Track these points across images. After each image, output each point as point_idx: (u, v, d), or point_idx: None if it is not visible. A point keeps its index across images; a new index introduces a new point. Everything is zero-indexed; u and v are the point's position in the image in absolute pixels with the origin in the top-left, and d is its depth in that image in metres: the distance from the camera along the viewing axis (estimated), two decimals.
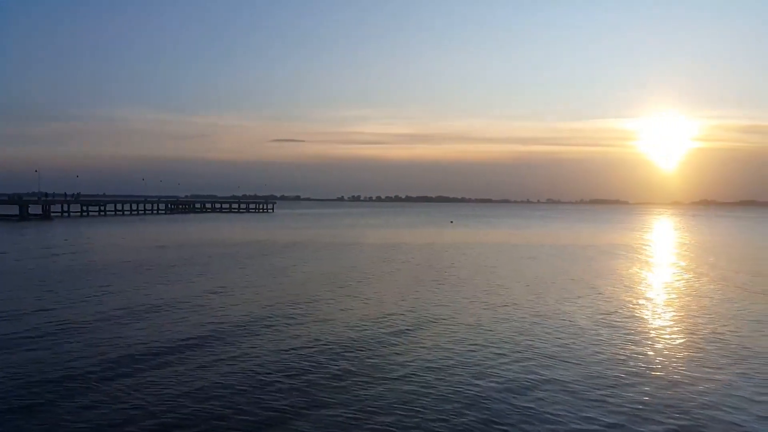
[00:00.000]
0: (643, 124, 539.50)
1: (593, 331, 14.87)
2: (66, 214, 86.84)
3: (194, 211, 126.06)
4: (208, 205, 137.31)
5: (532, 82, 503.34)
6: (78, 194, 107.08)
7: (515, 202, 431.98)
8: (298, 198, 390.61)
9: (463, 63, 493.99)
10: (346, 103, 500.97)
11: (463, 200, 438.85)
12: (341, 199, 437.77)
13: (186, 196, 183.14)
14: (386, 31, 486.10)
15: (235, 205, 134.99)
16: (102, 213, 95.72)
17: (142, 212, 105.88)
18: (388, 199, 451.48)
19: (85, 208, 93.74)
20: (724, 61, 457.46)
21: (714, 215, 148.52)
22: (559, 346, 13.35)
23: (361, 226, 72.33)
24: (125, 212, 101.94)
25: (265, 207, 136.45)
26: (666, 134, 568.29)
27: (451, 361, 11.99)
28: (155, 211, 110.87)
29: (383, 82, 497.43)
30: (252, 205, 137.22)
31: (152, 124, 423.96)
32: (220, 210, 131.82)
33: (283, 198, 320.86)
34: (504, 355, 12.55)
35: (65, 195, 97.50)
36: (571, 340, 13.89)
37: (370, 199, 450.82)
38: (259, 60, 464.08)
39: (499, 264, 30.58)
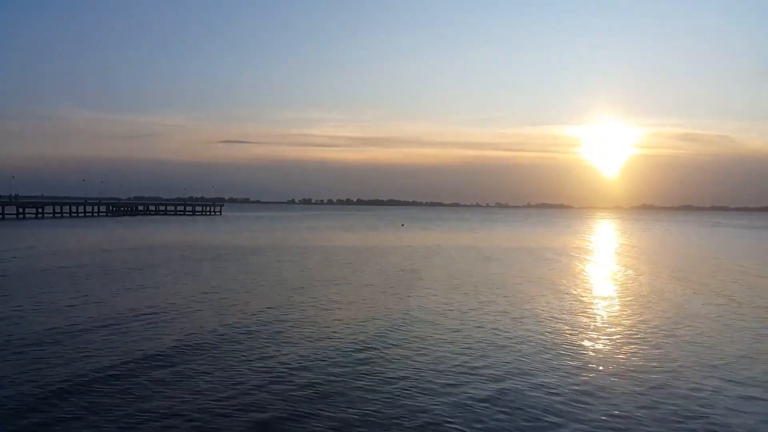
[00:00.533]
0: (587, 131, 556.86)
1: (560, 331, 14.85)
2: (0, 216, 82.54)
3: (137, 213, 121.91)
4: (152, 208, 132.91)
5: (482, 89, 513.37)
6: (16, 195, 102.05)
7: (465, 205, 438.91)
8: (247, 200, 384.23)
9: (416, 68, 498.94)
10: (297, 105, 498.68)
11: (414, 203, 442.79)
12: (292, 201, 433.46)
13: (129, 199, 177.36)
14: (339, 34, 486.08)
15: (181, 208, 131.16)
16: (40, 215, 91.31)
17: (83, 214, 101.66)
18: (340, 202, 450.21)
19: (21, 210, 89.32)
20: (663, 73, 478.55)
21: (656, 219, 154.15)
22: (533, 348, 13.26)
23: (309, 230, 71.44)
24: (64, 215, 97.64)
25: (212, 210, 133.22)
26: (608, 141, 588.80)
27: (421, 369, 11.71)
28: (96, 214, 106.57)
29: (336, 85, 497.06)
30: (198, 208, 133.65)
31: (94, 124, 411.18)
32: (165, 213, 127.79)
33: (231, 200, 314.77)
34: (474, 359, 12.35)
35: None
36: (544, 344, 13.81)
37: (322, 202, 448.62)
38: (207, 59, 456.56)
39: (455, 266, 30.51)
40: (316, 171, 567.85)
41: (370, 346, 13.37)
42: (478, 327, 15.57)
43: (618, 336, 14.86)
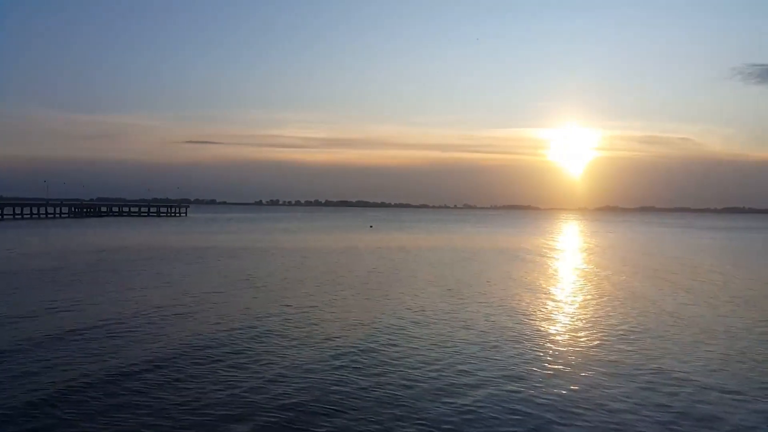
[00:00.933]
0: (553, 133, 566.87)
1: (543, 331, 15.04)
2: None
3: (100, 214, 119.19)
4: (116, 209, 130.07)
5: (451, 92, 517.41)
6: None
7: (433, 207, 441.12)
8: (213, 202, 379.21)
9: (383, 70, 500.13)
10: (264, 106, 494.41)
11: (382, 205, 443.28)
12: (259, 203, 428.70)
13: (91, 200, 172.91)
14: (307, 35, 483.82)
15: (145, 209, 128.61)
16: None
17: (44, 216, 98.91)
18: (308, 204, 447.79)
19: None
20: (626, 76, 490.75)
21: (620, 220, 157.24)
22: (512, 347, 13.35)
23: (278, 231, 70.85)
24: (25, 216, 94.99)
25: (177, 211, 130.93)
26: (573, 144, 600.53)
27: (408, 371, 11.71)
28: (58, 215, 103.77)
29: (303, 87, 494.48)
30: (163, 209, 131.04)
31: (55, 123, 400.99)
32: (129, 214, 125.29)
33: (197, 202, 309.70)
34: (459, 360, 12.40)
35: None
36: (528, 344, 13.95)
37: (289, 204, 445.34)
38: (173, 58, 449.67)
39: (430, 267, 30.60)
40: (283, 172, 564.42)
41: (352, 348, 13.28)
42: (462, 328, 15.61)
43: (600, 334, 15.07)
